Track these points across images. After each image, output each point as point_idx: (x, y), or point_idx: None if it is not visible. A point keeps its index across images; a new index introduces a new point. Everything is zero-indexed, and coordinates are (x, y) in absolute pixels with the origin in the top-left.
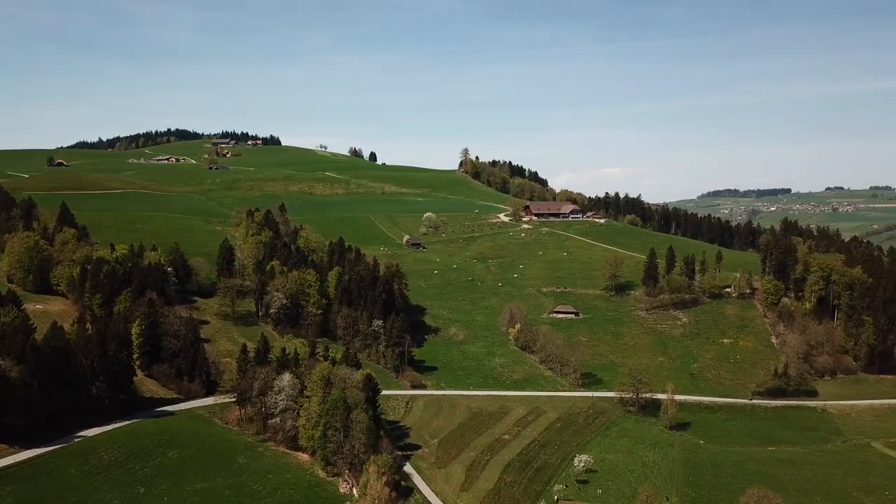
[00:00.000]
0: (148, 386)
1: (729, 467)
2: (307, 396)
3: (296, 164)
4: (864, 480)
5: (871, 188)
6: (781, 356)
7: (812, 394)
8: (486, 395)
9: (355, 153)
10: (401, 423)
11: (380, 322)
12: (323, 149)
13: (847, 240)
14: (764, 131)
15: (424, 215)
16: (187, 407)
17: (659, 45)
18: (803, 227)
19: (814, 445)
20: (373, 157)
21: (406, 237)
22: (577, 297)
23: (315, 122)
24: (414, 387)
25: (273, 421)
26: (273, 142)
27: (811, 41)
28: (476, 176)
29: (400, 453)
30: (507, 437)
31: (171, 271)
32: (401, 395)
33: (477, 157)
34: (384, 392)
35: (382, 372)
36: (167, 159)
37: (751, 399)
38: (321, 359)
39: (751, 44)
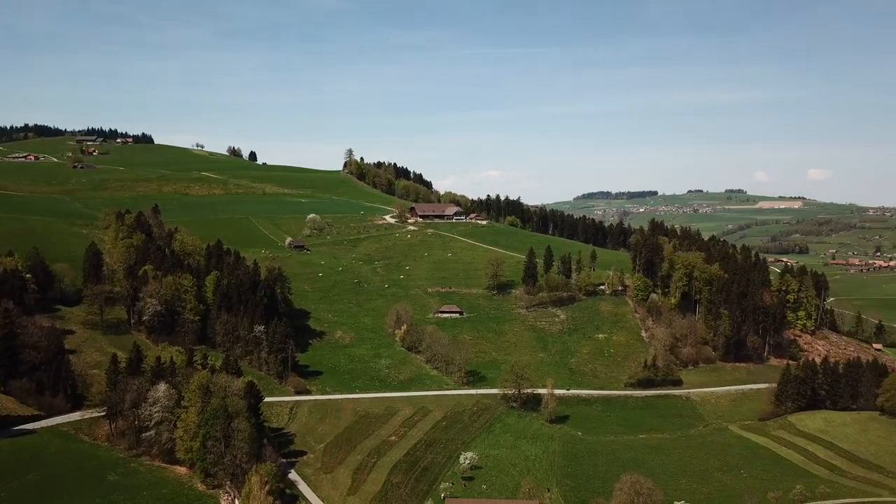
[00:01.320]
0: (4, 403)
1: (604, 456)
2: (185, 407)
3: (170, 164)
4: (722, 461)
5: (726, 191)
6: (650, 349)
7: (677, 383)
8: (373, 398)
9: (234, 153)
10: (285, 430)
11: (261, 327)
12: (199, 148)
13: (706, 239)
14: (632, 137)
15: (308, 217)
16: (50, 424)
17: (535, 51)
18: (668, 227)
19: (679, 431)
20: (253, 156)
21: (289, 239)
22: (462, 297)
23: (191, 120)
24: (298, 392)
25: (147, 434)
26: (145, 140)
27: (675, 52)
28: (361, 177)
29: (284, 461)
30: (393, 438)
31: (30, 278)
32: (285, 401)
33: (362, 158)
34: (267, 399)
35: (265, 378)
36: (24, 157)
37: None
38: (199, 367)
39: (624, 53)
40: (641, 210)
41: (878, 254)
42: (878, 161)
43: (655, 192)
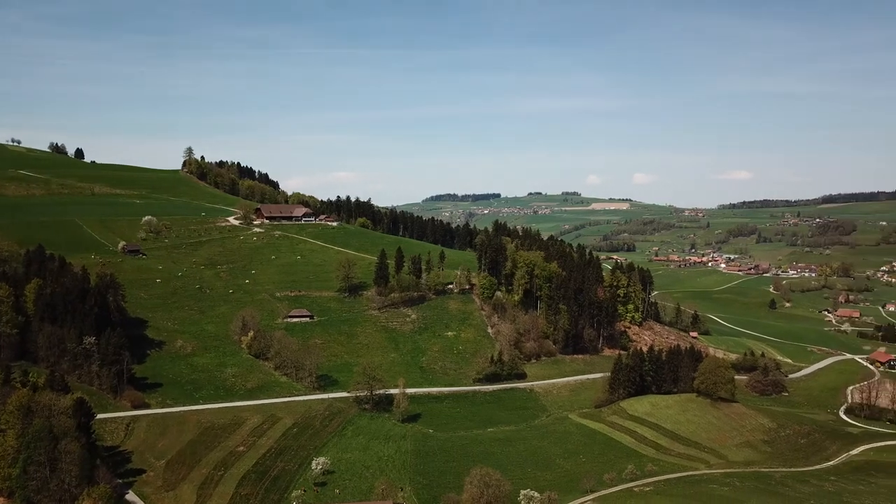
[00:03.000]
0: None
1: (455, 451)
2: (1, 430)
3: None
4: (564, 448)
5: (563, 193)
6: (496, 344)
7: (522, 376)
8: (219, 408)
9: (57, 149)
10: (121, 448)
11: (92, 339)
12: (15, 143)
13: (546, 239)
14: (477, 141)
15: (144, 219)
16: None
17: (384, 53)
18: (511, 228)
19: (524, 422)
20: (79, 154)
21: (122, 243)
22: (312, 300)
23: (4, 114)
24: (136, 407)
25: None
26: None
27: (516, 60)
28: (202, 177)
29: (121, 481)
30: (241, 448)
31: None
32: (120, 417)
33: (202, 158)
34: (100, 416)
35: (97, 394)
36: None
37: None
38: (18, 385)
39: (469, 59)
40: (486, 211)
41: (693, 250)
42: (693, 167)
43: (499, 195)
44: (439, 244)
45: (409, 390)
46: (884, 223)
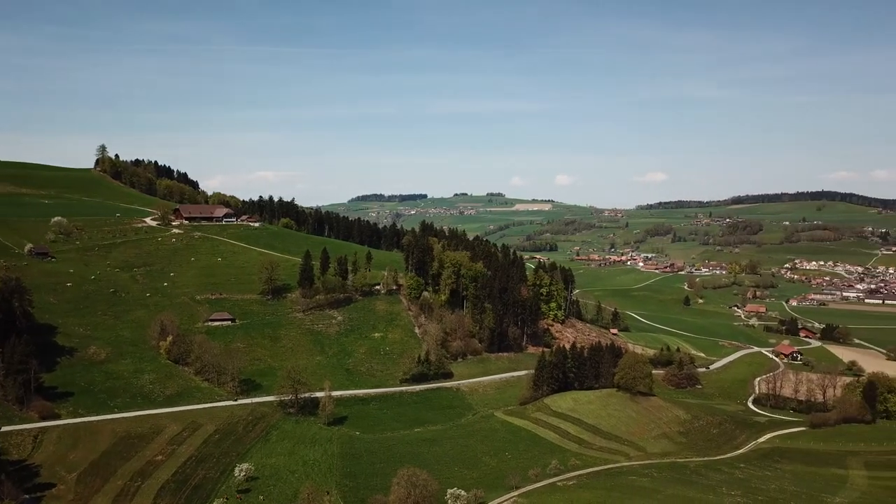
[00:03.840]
0: None
1: (382, 453)
2: None
3: None
4: (490, 445)
5: (488, 194)
6: (423, 344)
7: (449, 375)
8: (135, 416)
9: None
10: (29, 462)
11: None
12: None
13: (471, 239)
14: (402, 141)
15: (53, 220)
16: None
17: (307, 52)
18: (438, 228)
19: (451, 422)
20: None
21: (29, 246)
22: (234, 303)
23: None
24: (44, 418)
25: None
26: None
27: (441, 62)
28: (117, 176)
29: (28, 496)
30: (160, 457)
31: None
32: (27, 429)
33: (117, 156)
34: (5, 428)
35: (2, 405)
36: None
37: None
38: None
39: (398, 60)
40: (413, 212)
41: (613, 250)
42: (613, 168)
43: (425, 195)
44: (366, 245)
45: (336, 393)
46: (787, 223)
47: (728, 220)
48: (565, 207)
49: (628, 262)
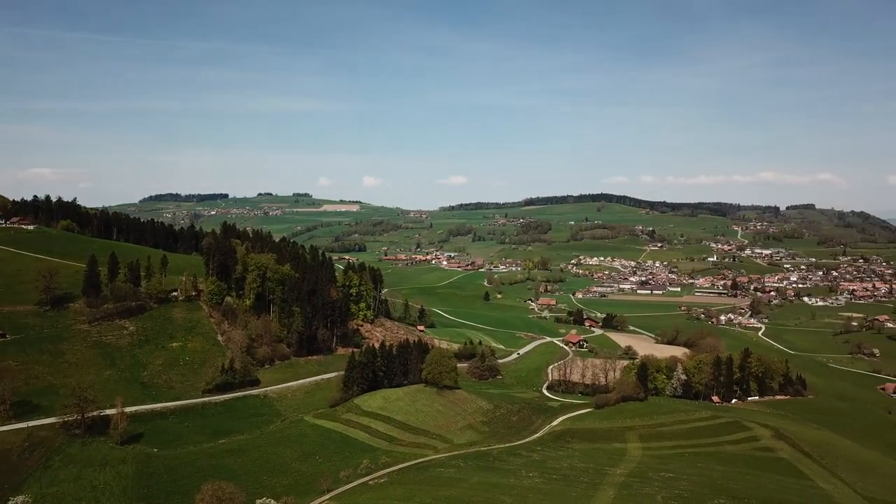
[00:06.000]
0: None
1: (184, 469)
2: None
3: None
4: (300, 451)
5: (294, 195)
6: (227, 352)
7: (255, 383)
8: None
9: None
10: None
11: None
12: None
13: (278, 240)
14: (203, 137)
15: None
16: None
17: (83, 38)
18: (241, 229)
19: (258, 430)
20: None
21: None
22: (4, 317)
23: None
24: None
25: None
26: None
27: (239, 56)
28: None
29: None
30: None
31: None
32: None
33: None
34: None
35: None
36: None
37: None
38: None
39: (190, 52)
40: (213, 213)
41: (419, 249)
42: (417, 171)
43: (227, 195)
44: (161, 248)
45: (130, 409)
46: (572, 223)
47: (522, 220)
48: (373, 209)
49: (433, 261)
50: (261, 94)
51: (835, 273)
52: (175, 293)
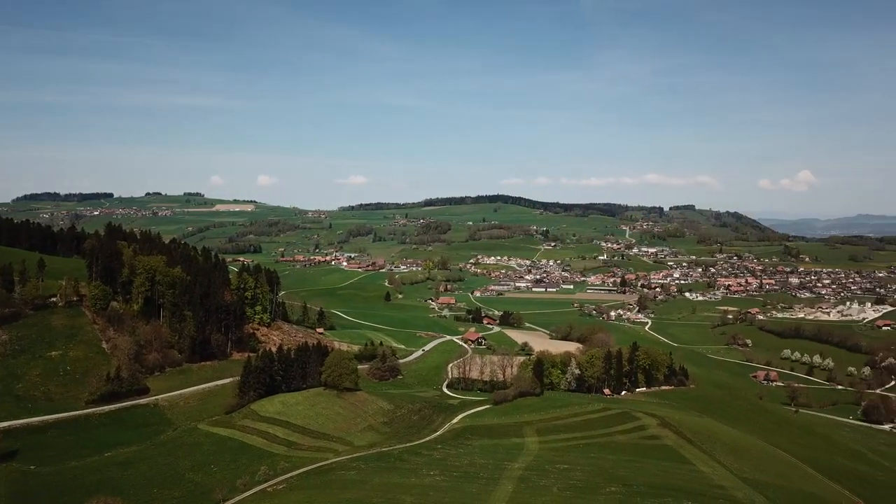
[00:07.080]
0: None
1: (65, 486)
2: None
3: None
4: (193, 460)
5: (185, 194)
6: (113, 360)
7: (145, 391)
8: None
9: None
10: None
11: None
12: None
13: (168, 242)
14: (85, 133)
15: None
16: None
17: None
18: (128, 230)
19: (148, 441)
20: None
21: None
22: None
23: None
24: None
25: None
26: None
27: (125, 48)
28: None
29: None
30: None
31: None
32: None
33: None
34: None
35: None
36: None
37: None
38: None
39: (79, 44)
40: (97, 213)
41: (318, 250)
42: (315, 170)
43: (111, 195)
44: (37, 251)
45: (2, 424)
46: (470, 223)
47: (422, 220)
48: (269, 208)
49: (333, 262)
50: (150, 89)
51: (713, 270)
52: (54, 298)
